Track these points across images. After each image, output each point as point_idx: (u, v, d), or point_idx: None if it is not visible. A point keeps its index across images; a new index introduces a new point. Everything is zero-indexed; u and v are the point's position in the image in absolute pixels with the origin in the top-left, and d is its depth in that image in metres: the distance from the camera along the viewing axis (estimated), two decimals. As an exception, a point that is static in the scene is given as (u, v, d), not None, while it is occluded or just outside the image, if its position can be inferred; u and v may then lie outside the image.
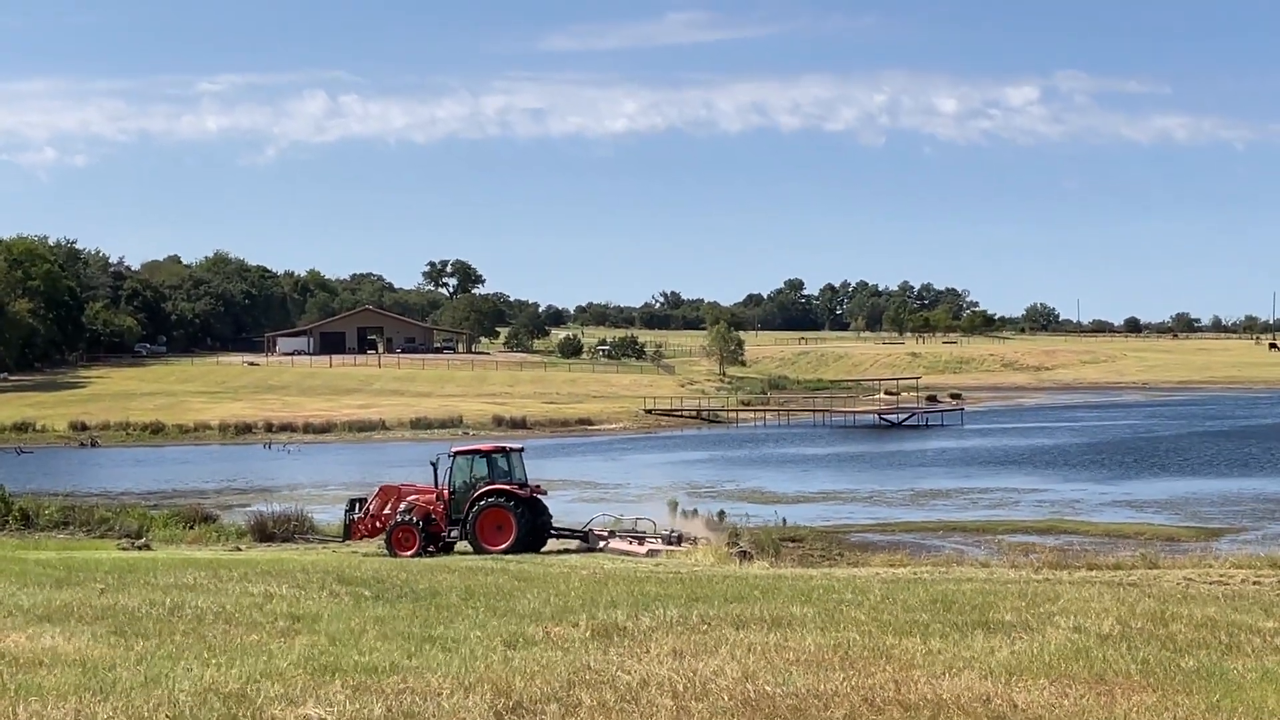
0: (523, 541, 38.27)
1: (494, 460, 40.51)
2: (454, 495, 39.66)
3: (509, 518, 38.65)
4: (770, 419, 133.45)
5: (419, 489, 41.19)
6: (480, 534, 38.61)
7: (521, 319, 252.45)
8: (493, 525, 38.67)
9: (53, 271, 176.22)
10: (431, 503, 39.88)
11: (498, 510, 38.72)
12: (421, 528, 39.08)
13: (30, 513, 49.22)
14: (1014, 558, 36.00)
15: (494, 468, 40.19)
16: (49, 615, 17.63)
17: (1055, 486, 68.53)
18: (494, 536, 38.47)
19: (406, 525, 39.12)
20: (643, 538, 41.05)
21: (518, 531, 38.39)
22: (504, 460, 40.56)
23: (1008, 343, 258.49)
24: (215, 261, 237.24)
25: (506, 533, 38.47)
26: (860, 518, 56.50)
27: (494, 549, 37.69)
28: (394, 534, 38.99)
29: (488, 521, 38.69)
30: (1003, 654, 14.28)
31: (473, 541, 38.70)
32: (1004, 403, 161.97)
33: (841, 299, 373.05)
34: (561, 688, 12.39)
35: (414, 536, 38.78)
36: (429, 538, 39.06)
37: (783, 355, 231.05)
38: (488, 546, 38.06)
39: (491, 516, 38.71)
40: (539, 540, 39.38)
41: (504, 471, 40.13)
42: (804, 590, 21.81)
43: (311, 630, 16.32)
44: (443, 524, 39.54)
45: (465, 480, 39.89)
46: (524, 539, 38.40)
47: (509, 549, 37.53)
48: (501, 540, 38.25)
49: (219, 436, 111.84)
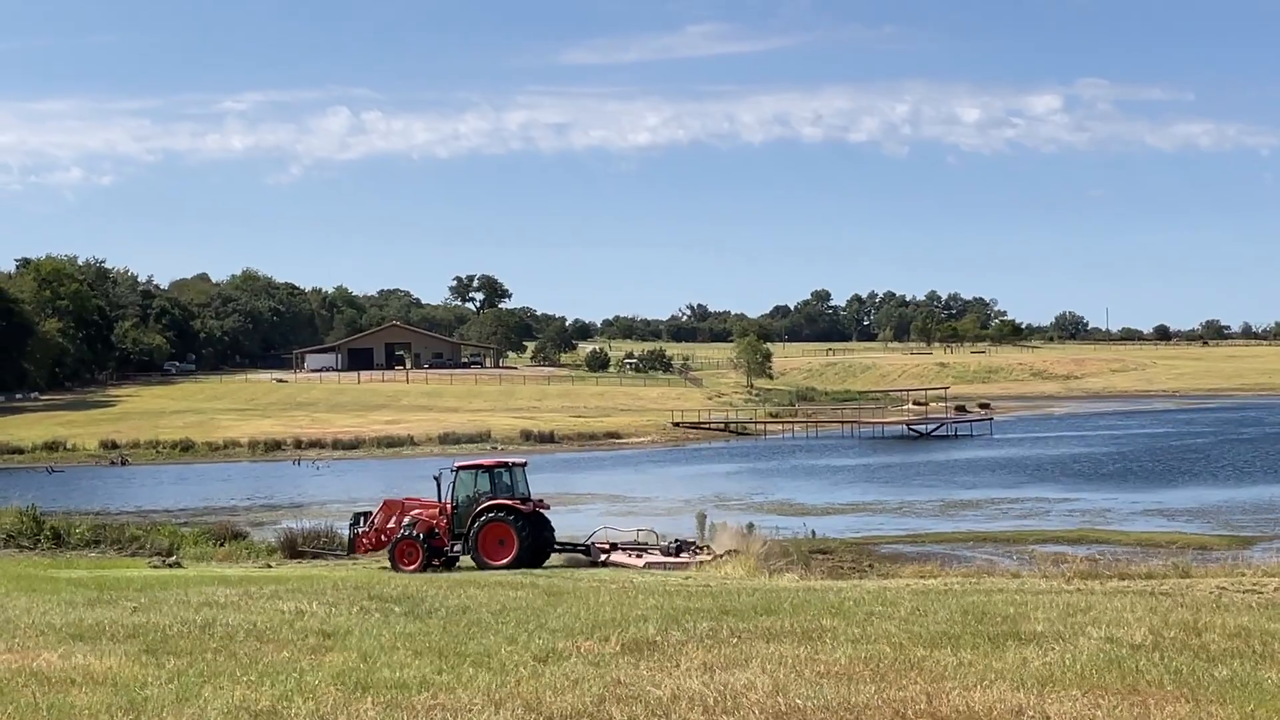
0: (525, 557, 38.10)
1: (496, 475, 40.46)
2: (457, 510, 39.70)
3: (511, 533, 38.55)
4: (798, 431, 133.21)
5: (423, 503, 41.26)
6: (482, 549, 38.55)
7: (549, 333, 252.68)
8: (494, 540, 38.60)
9: (81, 291, 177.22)
10: (435, 517, 39.93)
11: (499, 525, 38.64)
12: (425, 542, 39.13)
13: (62, 531, 49.42)
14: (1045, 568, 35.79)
15: (496, 483, 40.14)
16: (81, 634, 17.69)
17: (1086, 496, 68.20)
18: (496, 551, 38.40)
19: (410, 540, 39.18)
20: (643, 550, 41.01)
21: (519, 546, 38.28)
22: (507, 475, 40.51)
23: (1036, 352, 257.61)
24: (243, 279, 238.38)
25: (508, 548, 38.36)
26: (890, 529, 56.33)
27: (496, 564, 37.62)
28: (397, 548, 39.08)
29: (490, 536, 38.63)
30: (1035, 665, 14.21)
31: (475, 556, 38.66)
32: (1033, 412, 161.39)
33: (869, 309, 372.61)
34: (593, 703, 12.37)
35: (417, 551, 38.85)
36: (432, 552, 39.06)
37: (810, 367, 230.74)
38: (489, 561, 37.99)
39: (493, 531, 38.65)
40: (541, 555, 39.25)
41: (506, 486, 40.05)
42: (834, 602, 21.74)
43: (342, 647, 16.33)
44: (445, 538, 39.54)
45: (468, 495, 39.91)
46: (526, 554, 38.24)
47: (510, 564, 37.41)
48: (503, 555, 38.16)
49: (248, 454, 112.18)
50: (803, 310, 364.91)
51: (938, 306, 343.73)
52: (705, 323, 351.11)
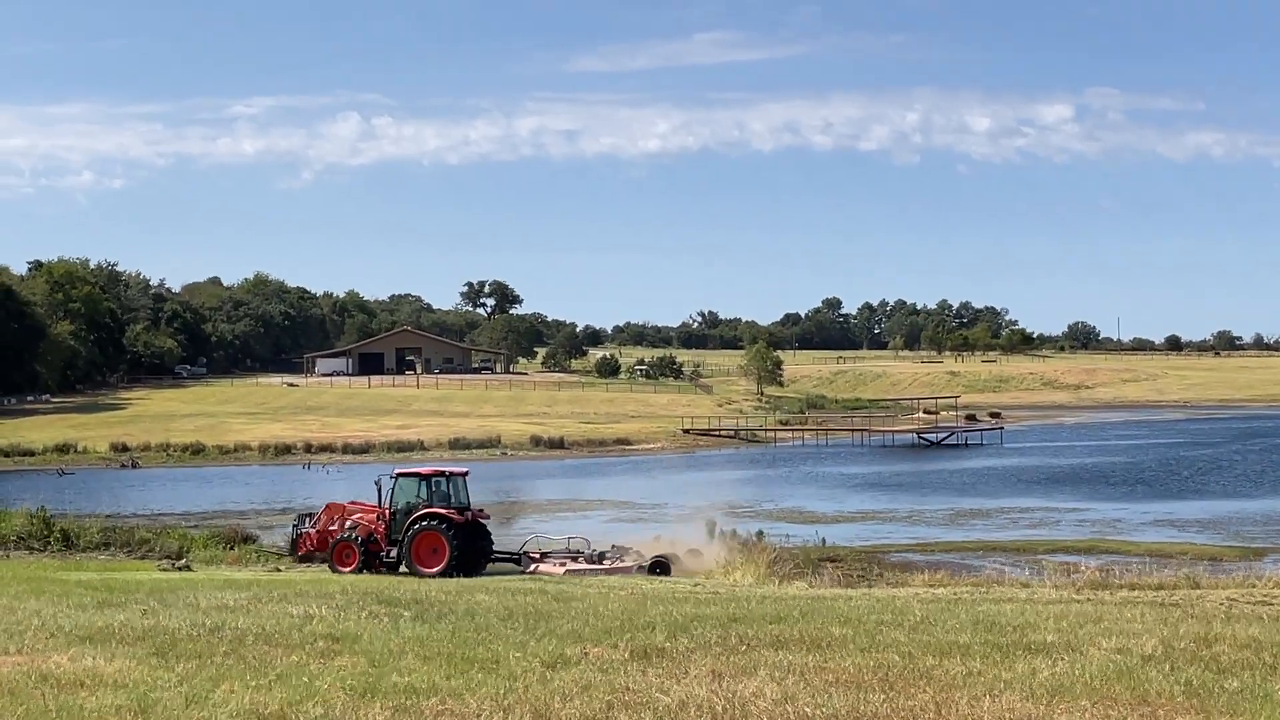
0: (457, 565, 38.31)
1: (433, 483, 40.81)
2: (395, 516, 40.12)
3: (443, 541, 38.75)
4: (808, 438, 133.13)
5: (364, 508, 41.57)
6: (415, 556, 38.84)
7: (559, 339, 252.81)
8: (428, 548, 38.87)
9: (93, 294, 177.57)
10: (374, 522, 40.34)
11: (432, 534, 38.90)
12: (363, 545, 39.57)
13: (72, 534, 49.47)
14: (1055, 578, 35.75)
15: (433, 491, 40.47)
16: (90, 636, 17.71)
17: (1096, 506, 68.10)
18: (429, 559, 38.65)
19: (348, 543, 39.69)
20: (575, 558, 41.14)
21: (450, 555, 38.53)
22: (445, 484, 40.81)
23: (1047, 361, 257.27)
24: (255, 283, 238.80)
25: (440, 556, 38.59)
26: (899, 537, 56.29)
27: (428, 571, 37.81)
28: (336, 550, 39.65)
29: (423, 544, 38.93)
30: (1044, 675, 14.19)
31: (408, 563, 38.97)
32: (1044, 421, 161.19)
33: (879, 318, 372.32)
34: (601, 710, 12.37)
35: (355, 554, 39.33)
36: (369, 556, 39.47)
37: (821, 374, 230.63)
38: (422, 569, 38.20)
39: (426, 540, 38.91)
40: (476, 565, 39.53)
41: (444, 495, 40.33)
42: (843, 611, 21.72)
43: (351, 651, 16.34)
44: (383, 543, 39.93)
45: (407, 501, 40.28)
46: (459, 562, 38.47)
47: (442, 572, 37.61)
48: (435, 563, 38.39)
49: (259, 457, 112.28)
50: (814, 318, 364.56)
51: (949, 315, 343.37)
52: (716, 330, 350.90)
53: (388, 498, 40.57)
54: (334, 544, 39.83)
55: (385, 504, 40.50)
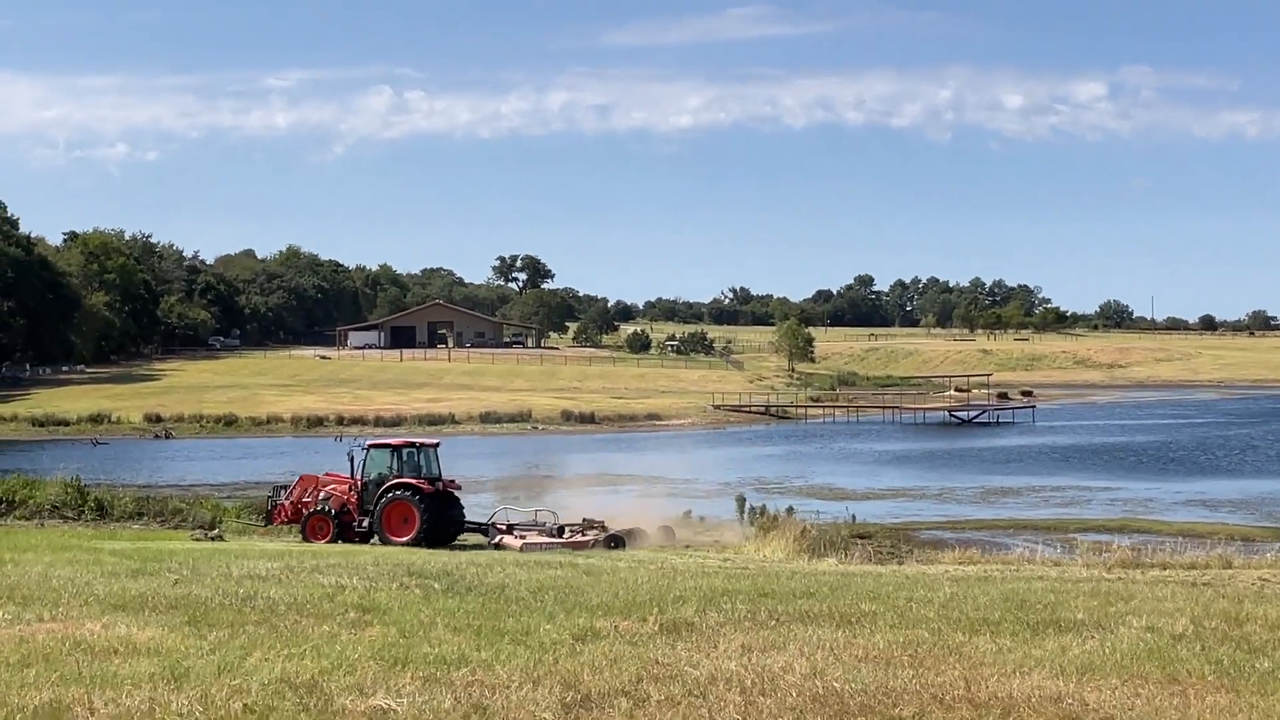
0: (427, 535, 38.87)
1: (404, 455, 41.30)
2: (366, 487, 40.58)
3: (414, 511, 39.33)
4: (839, 415, 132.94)
5: (337, 479, 41.99)
6: (386, 525, 39.36)
7: (590, 314, 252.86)
8: (399, 518, 39.42)
9: (128, 265, 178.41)
10: (346, 493, 40.82)
11: (403, 504, 39.47)
12: (336, 517, 40.05)
13: (106, 503, 49.77)
14: (1086, 556, 35.65)
15: (404, 462, 40.96)
16: (124, 605, 17.84)
17: (1128, 485, 67.82)
18: (399, 529, 39.16)
19: (321, 514, 40.20)
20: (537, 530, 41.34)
21: (421, 525, 39.08)
22: (417, 455, 41.34)
23: (1081, 340, 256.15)
24: (288, 256, 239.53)
25: (411, 525, 39.14)
26: (930, 515, 56.17)
27: (398, 540, 38.35)
28: (309, 522, 40.13)
29: (394, 514, 39.48)
30: (1074, 653, 14.17)
31: (379, 533, 39.43)
32: (1076, 400, 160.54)
33: (912, 295, 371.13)
34: (630, 682, 12.41)
35: (328, 525, 39.83)
36: (342, 527, 39.87)
37: (852, 351, 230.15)
38: (392, 538, 38.75)
39: (397, 510, 39.48)
40: (448, 535, 40.16)
41: (415, 466, 40.85)
42: (873, 587, 21.72)
43: (382, 622, 16.42)
44: (355, 514, 40.40)
45: (379, 473, 40.74)
46: (429, 532, 39.02)
47: (412, 541, 38.16)
48: (406, 532, 38.93)
49: (291, 429, 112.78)
50: (845, 295, 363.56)
51: (981, 293, 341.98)
52: (747, 306, 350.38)
53: (359, 469, 41.01)
54: (307, 516, 40.35)
55: (357, 475, 40.94)
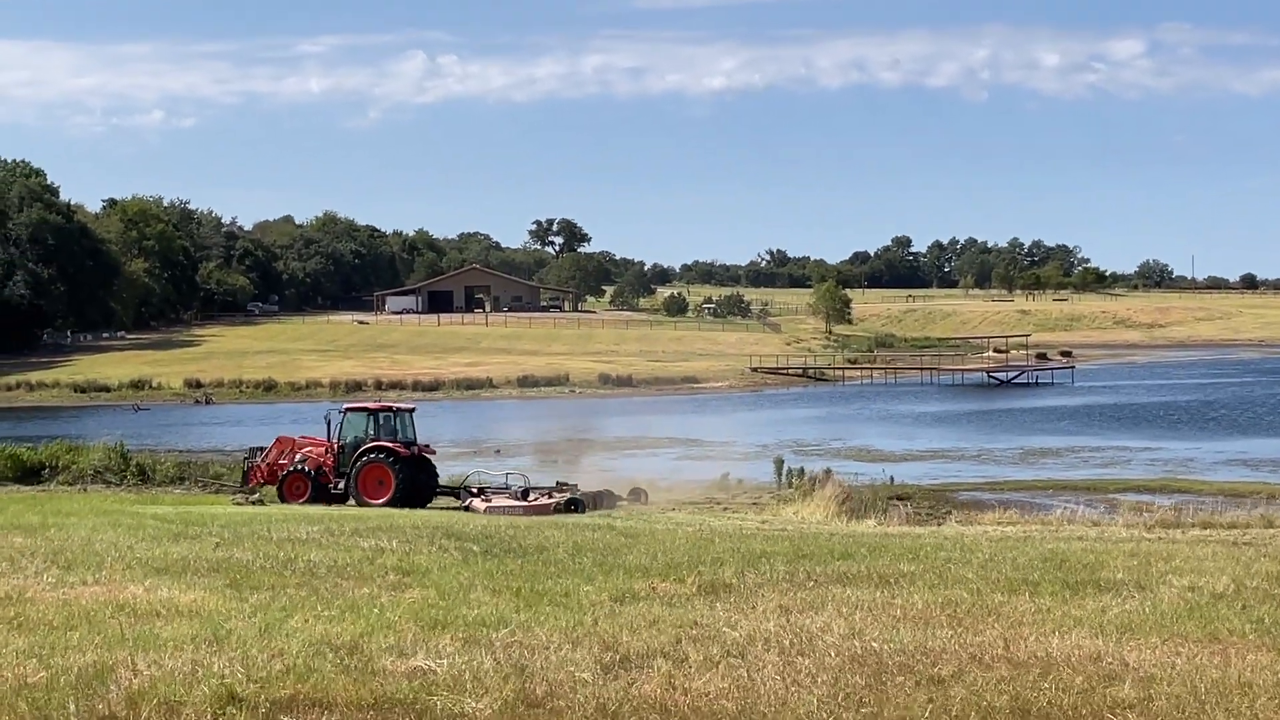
0: (403, 497, 39.40)
1: (381, 419, 41.87)
2: (343, 450, 41.07)
3: (389, 474, 39.90)
4: (877, 377, 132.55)
5: (314, 442, 42.53)
6: (361, 487, 39.91)
7: (627, 277, 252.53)
8: (374, 480, 39.97)
9: (167, 231, 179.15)
10: (323, 455, 41.32)
11: (378, 466, 40.03)
12: (313, 478, 40.59)
13: (147, 468, 50.20)
14: (1126, 516, 35.53)
15: (381, 426, 41.47)
16: (166, 568, 18.00)
17: (1168, 445, 67.46)
18: (375, 491, 39.72)
19: (299, 474, 40.77)
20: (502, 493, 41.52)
21: (396, 487, 39.61)
22: (394, 419, 41.89)
23: (1120, 300, 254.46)
24: (325, 221, 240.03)
25: (386, 488, 39.70)
26: (969, 476, 56.02)
27: (374, 502, 38.88)
28: (286, 482, 40.73)
29: (369, 476, 40.02)
30: (1114, 612, 14.14)
31: (355, 495, 39.97)
32: (1116, 360, 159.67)
33: (950, 256, 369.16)
34: (669, 643, 12.44)
35: (305, 485, 40.48)
36: (319, 488, 40.34)
37: (890, 313, 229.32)
38: (368, 500, 39.30)
39: (373, 472, 40.02)
40: (422, 498, 40.68)
41: (392, 430, 41.37)
42: (912, 548, 21.70)
43: (421, 584, 16.52)
44: (331, 476, 40.90)
45: (355, 436, 41.30)
46: (404, 495, 39.56)
47: (388, 503, 38.62)
48: (381, 494, 39.50)
49: (330, 394, 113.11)
50: (883, 256, 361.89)
51: (1020, 253, 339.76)
52: (784, 268, 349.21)
53: (336, 432, 41.61)
54: (284, 476, 40.93)
55: (334, 438, 41.51)
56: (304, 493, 40.16)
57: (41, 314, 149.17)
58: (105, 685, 10.75)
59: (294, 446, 42.43)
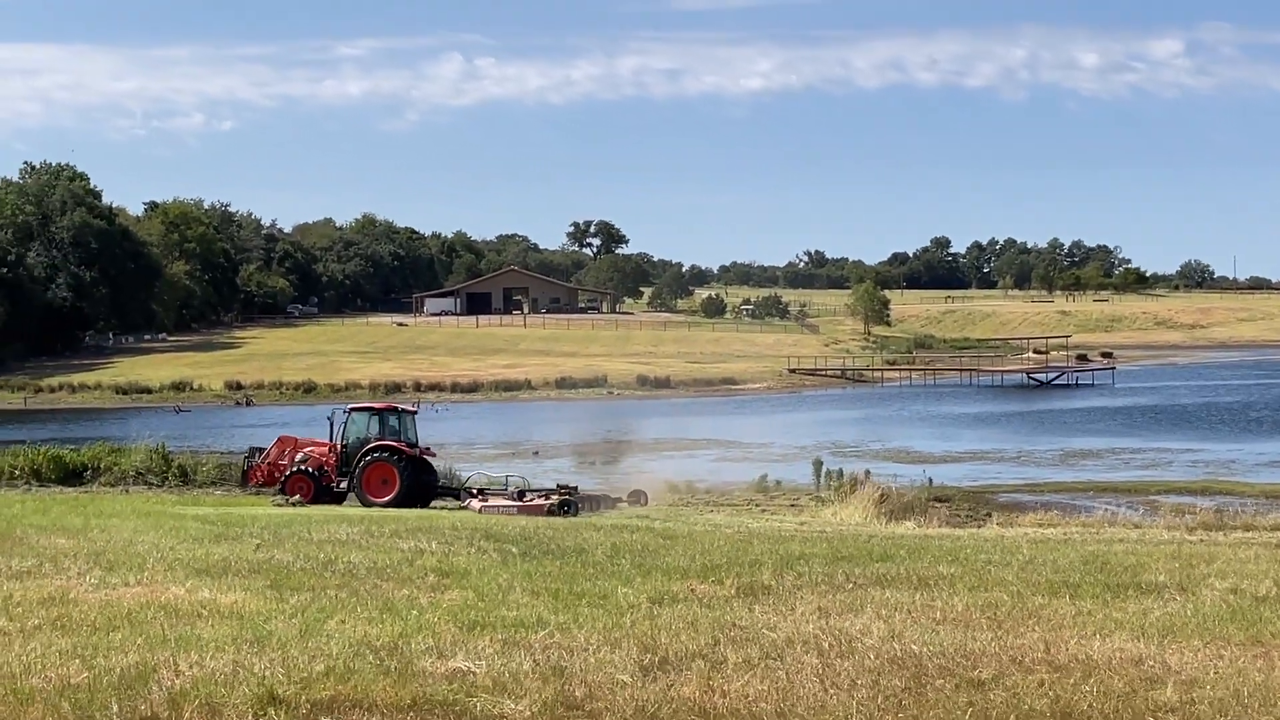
0: (406, 496, 39.78)
1: (385, 418, 42.30)
2: (346, 449, 41.41)
3: (394, 473, 40.25)
4: (916, 378, 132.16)
5: (316, 443, 42.89)
6: (365, 486, 40.21)
7: (665, 279, 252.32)
8: (378, 479, 40.28)
9: (208, 234, 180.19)
10: (325, 455, 41.64)
11: (383, 465, 40.37)
12: (315, 477, 40.89)
13: (189, 469, 50.43)
14: (1168, 518, 35.31)
15: (384, 426, 41.86)
16: (207, 569, 18.10)
17: (1210, 446, 66.99)
18: (379, 490, 40.03)
19: (302, 474, 40.99)
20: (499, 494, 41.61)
21: (401, 486, 39.96)
22: (395, 420, 42.28)
23: (1161, 300, 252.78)
24: (364, 223, 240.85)
25: (390, 486, 40.04)
26: (1008, 478, 55.77)
27: (378, 501, 39.19)
28: (290, 482, 40.92)
29: (374, 475, 40.32)
30: (1156, 615, 14.06)
31: (359, 494, 40.26)
32: (1157, 361, 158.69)
33: (989, 257, 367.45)
34: (707, 645, 12.44)
35: (309, 485, 40.69)
36: (321, 488, 40.63)
37: (929, 314, 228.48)
38: (372, 499, 39.59)
39: (377, 471, 40.35)
40: (424, 497, 41.03)
41: (395, 430, 41.71)
42: (951, 550, 21.63)
43: (461, 585, 16.56)
44: (333, 475, 41.23)
45: (359, 436, 41.66)
46: (408, 494, 39.95)
47: (391, 502, 38.97)
48: (386, 493, 39.81)
49: (369, 396, 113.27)
50: (921, 257, 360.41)
51: (1060, 254, 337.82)
52: (823, 269, 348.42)
53: (339, 432, 41.95)
54: (288, 475, 41.15)
55: (337, 438, 41.84)
56: (307, 492, 40.41)
57: (84, 316, 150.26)
58: (147, 686, 10.82)
59: (295, 446, 42.81)
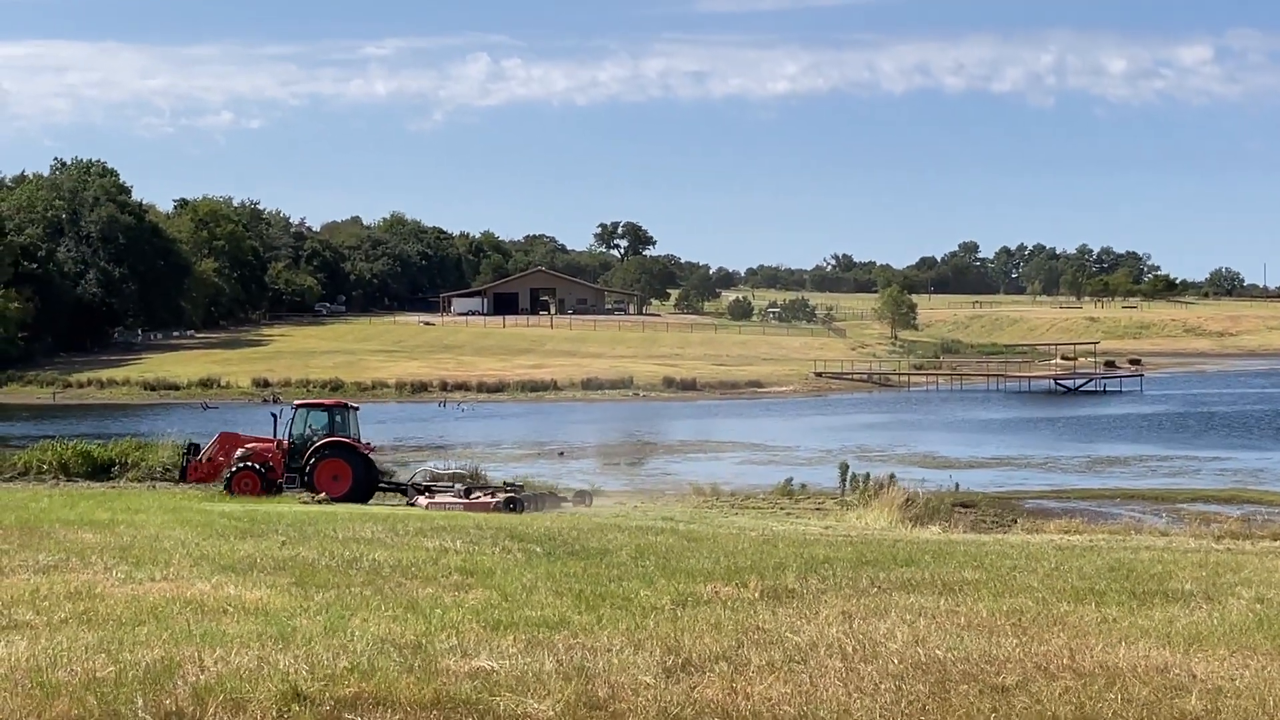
0: (357, 491, 40.32)
1: (334, 415, 42.74)
2: (293, 445, 41.69)
3: (347, 469, 40.90)
4: (942, 383, 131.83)
5: (257, 439, 43.21)
6: (318, 481, 40.60)
7: (692, 281, 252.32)
8: (329, 475, 40.74)
9: (236, 232, 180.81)
10: (270, 451, 41.83)
11: (336, 461, 40.93)
12: (262, 474, 41.04)
13: (215, 466, 50.63)
14: (1195, 527, 35.15)
15: (333, 422, 42.24)
16: (233, 565, 18.17)
17: (1238, 455, 66.64)
18: (330, 485, 40.46)
19: (249, 470, 41.07)
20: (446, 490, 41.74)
21: (353, 481, 40.60)
22: (341, 416, 42.73)
23: (1190, 308, 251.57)
24: (393, 223, 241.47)
25: (343, 482, 40.61)
26: (1035, 484, 55.57)
27: (331, 497, 39.48)
28: (237, 477, 40.92)
29: (325, 471, 40.81)
30: (1182, 623, 13.99)
31: (310, 488, 40.52)
32: (1186, 369, 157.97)
33: (1018, 262, 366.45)
34: (730, 647, 12.43)
35: (256, 480, 40.79)
36: (267, 484, 40.83)
37: (956, 319, 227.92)
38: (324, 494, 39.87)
39: (329, 466, 40.86)
40: (369, 492, 41.54)
41: (340, 426, 42.13)
42: (976, 556, 21.57)
43: (485, 585, 16.58)
44: (279, 471, 41.41)
45: (303, 432, 42.02)
46: (358, 489, 40.48)
47: (344, 497, 39.38)
48: (336, 490, 40.20)
49: (396, 395, 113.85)
50: (950, 262, 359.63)
51: (1089, 260, 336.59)
52: (850, 273, 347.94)
53: (286, 428, 42.29)
54: (234, 471, 41.18)
55: (285, 434, 42.17)
56: (255, 487, 40.52)
57: (113, 312, 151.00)
58: (172, 681, 10.87)
59: (235, 443, 43.02)
